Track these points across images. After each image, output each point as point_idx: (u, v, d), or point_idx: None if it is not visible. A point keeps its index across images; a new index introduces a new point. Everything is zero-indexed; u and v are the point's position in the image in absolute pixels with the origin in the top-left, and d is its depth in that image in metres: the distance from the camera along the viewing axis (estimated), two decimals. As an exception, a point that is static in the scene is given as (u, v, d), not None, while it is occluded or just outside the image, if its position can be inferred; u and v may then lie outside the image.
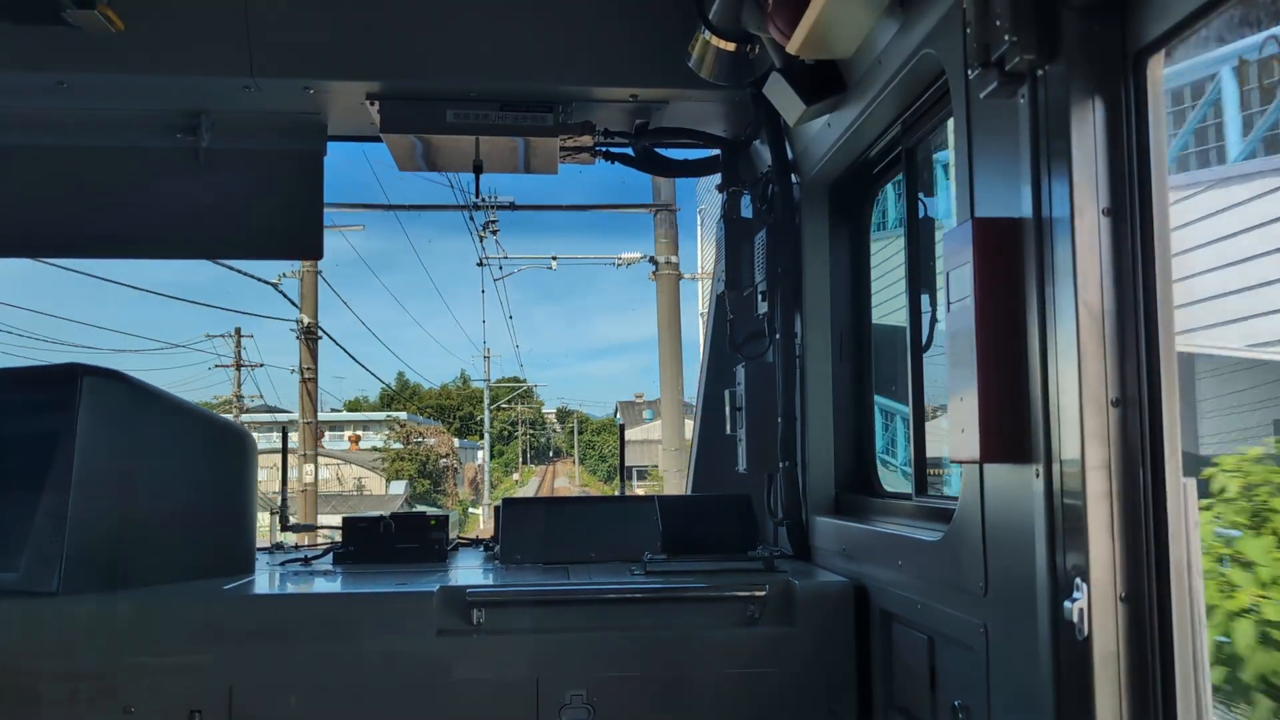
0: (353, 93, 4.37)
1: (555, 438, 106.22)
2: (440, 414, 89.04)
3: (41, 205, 4.67)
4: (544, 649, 3.57)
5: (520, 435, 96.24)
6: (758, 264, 4.60)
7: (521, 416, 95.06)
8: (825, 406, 4.32)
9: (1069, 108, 2.29)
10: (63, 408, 3.67)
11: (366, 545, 4.41)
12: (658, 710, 3.57)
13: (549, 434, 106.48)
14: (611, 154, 4.93)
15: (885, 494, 4.15)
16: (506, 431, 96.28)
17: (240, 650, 3.48)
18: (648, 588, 3.73)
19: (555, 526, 4.46)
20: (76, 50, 4.08)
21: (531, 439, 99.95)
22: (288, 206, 4.72)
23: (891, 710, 3.46)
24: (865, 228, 4.42)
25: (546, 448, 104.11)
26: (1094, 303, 2.25)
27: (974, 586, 2.71)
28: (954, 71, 2.81)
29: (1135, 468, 2.23)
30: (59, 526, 3.55)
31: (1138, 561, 2.21)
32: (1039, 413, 2.37)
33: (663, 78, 4.33)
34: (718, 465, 5.22)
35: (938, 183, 4.02)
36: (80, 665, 3.43)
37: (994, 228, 2.51)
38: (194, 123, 4.59)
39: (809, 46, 3.38)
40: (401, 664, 3.50)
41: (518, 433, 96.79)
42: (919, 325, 3.77)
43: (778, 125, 4.32)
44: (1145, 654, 2.19)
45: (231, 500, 4.11)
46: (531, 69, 4.31)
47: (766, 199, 4.53)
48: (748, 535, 4.28)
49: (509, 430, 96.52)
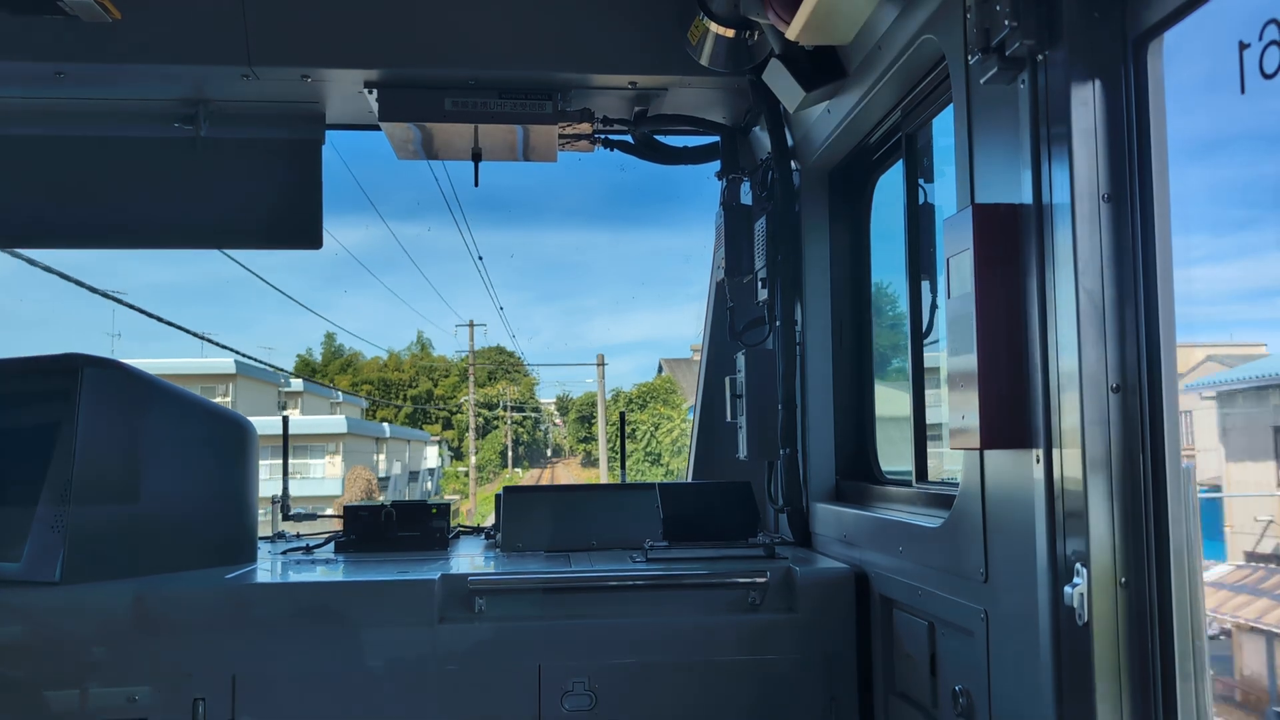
0: (351, 81, 4.35)
1: (555, 433, 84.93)
2: (385, 391, 70.37)
3: (39, 195, 4.66)
4: (546, 636, 3.58)
5: (504, 425, 70.65)
6: (757, 251, 4.59)
7: (504, 398, 71.37)
8: (825, 393, 4.33)
9: (1069, 93, 2.28)
10: (63, 398, 3.68)
11: (368, 534, 4.42)
12: (659, 696, 3.58)
13: (546, 427, 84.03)
14: (610, 141, 4.92)
15: (885, 480, 4.16)
16: (484, 420, 71.63)
17: (243, 638, 3.49)
18: (649, 575, 3.74)
19: (556, 514, 4.47)
20: (73, 39, 4.07)
21: (522, 431, 75.62)
22: (286, 195, 4.71)
23: (892, 696, 3.48)
24: (865, 214, 4.41)
25: (544, 445, 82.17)
26: (1094, 289, 2.25)
27: (974, 572, 2.72)
28: (954, 57, 2.80)
29: (1135, 454, 2.23)
30: (61, 516, 3.56)
31: (1138, 547, 2.21)
32: (1039, 399, 2.37)
33: (662, 65, 4.31)
34: (718, 453, 5.22)
35: (937, 169, 4.01)
36: (83, 654, 3.44)
37: (994, 214, 2.51)
38: (192, 112, 4.58)
39: (808, 32, 3.37)
40: (403, 652, 3.52)
41: (499, 421, 71.58)
42: (919, 312, 3.77)
43: (777, 112, 4.31)
44: (1145, 639, 2.20)
45: (233, 489, 4.11)
46: (530, 56, 4.30)
47: (766, 186, 4.52)
48: (748, 522, 4.28)
49: (487, 419, 72.16)
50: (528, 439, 78.14)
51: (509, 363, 77.29)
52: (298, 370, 70.38)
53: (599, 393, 44.93)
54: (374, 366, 74.54)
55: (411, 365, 74.53)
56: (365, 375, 72.97)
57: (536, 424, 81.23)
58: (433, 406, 74.06)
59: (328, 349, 75.87)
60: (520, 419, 75.93)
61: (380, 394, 71.53)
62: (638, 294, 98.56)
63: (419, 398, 73.46)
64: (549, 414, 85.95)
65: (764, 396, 4.46)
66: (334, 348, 77.50)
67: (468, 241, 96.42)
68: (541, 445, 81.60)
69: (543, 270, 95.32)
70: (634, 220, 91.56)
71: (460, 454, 71.72)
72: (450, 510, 4.61)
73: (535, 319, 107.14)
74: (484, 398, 69.52)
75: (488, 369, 72.47)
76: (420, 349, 77.65)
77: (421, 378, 74.84)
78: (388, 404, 71.15)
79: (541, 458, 79.51)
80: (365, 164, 70.92)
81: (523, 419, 76.81)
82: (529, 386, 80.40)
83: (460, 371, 71.47)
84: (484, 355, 69.48)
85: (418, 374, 74.60)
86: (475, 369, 60.46)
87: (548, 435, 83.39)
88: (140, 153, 4.66)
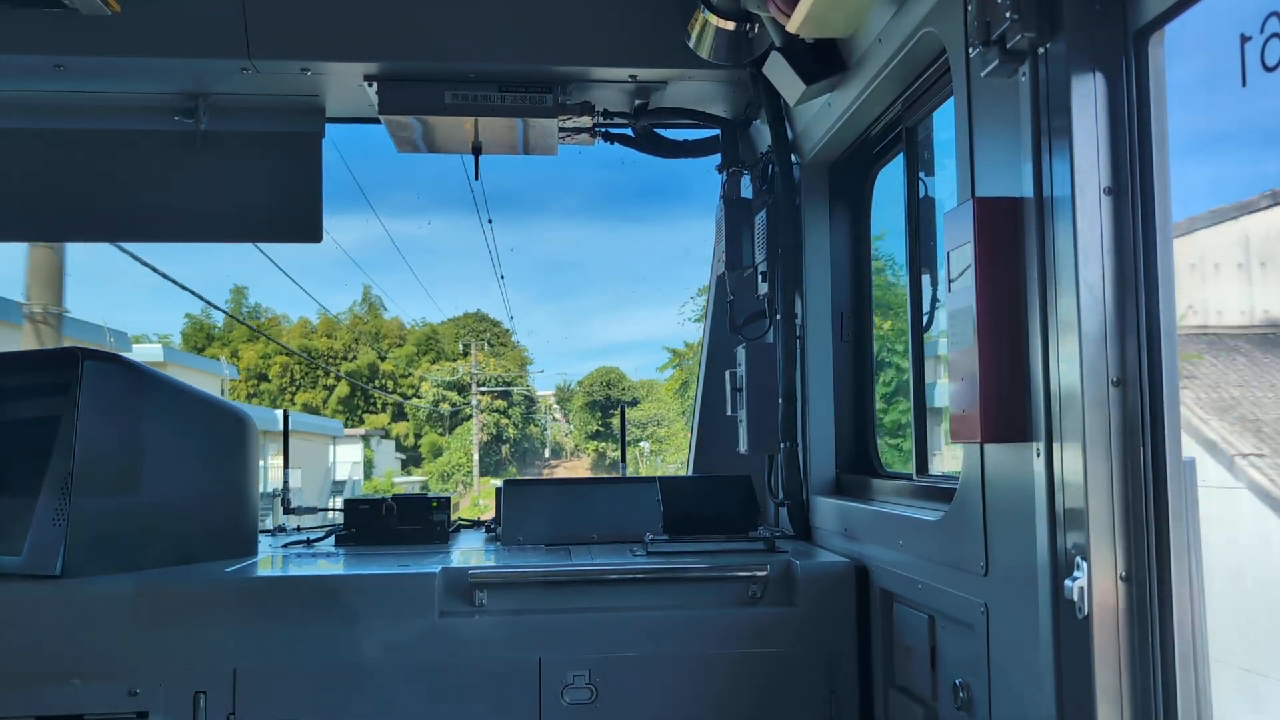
0: (351, 74, 4.35)
1: (555, 430, 65.33)
2: (309, 367, 50.85)
3: (38, 189, 4.66)
4: (546, 630, 3.59)
5: (476, 413, 50.41)
6: (758, 244, 4.59)
7: (482, 374, 51.56)
8: (826, 387, 4.33)
9: (1070, 86, 2.28)
10: (64, 392, 3.68)
11: (368, 527, 4.43)
12: (660, 690, 3.59)
13: (544, 423, 64.04)
14: (611, 135, 4.92)
15: (886, 474, 4.16)
16: (451, 406, 51.66)
17: (244, 632, 3.50)
18: (649, 568, 3.74)
19: (557, 508, 4.48)
20: (73, 32, 4.06)
21: (507, 423, 55.61)
22: (286, 189, 4.71)
23: (892, 689, 3.48)
24: (866, 207, 4.41)
25: (540, 444, 62.28)
26: (1095, 282, 2.25)
27: (974, 566, 2.72)
28: (954, 50, 2.80)
29: (1136, 447, 2.23)
30: (62, 510, 3.56)
31: (1138, 541, 2.22)
32: (1040, 392, 2.37)
33: (662, 58, 4.31)
34: (718, 446, 5.23)
35: (938, 162, 4.01)
36: (84, 648, 3.45)
37: (994, 207, 2.50)
38: (191, 105, 4.57)
39: (809, 25, 3.37)
40: (404, 645, 3.52)
41: (469, 407, 50.92)
42: (919, 306, 3.77)
43: (778, 105, 4.31)
44: (1146, 633, 2.20)
45: (233, 483, 4.12)
46: (530, 49, 4.29)
47: (766, 179, 4.52)
48: (749, 516, 4.29)
49: (456, 405, 51.66)
50: (515, 434, 57.13)
51: (492, 332, 56.63)
52: (191, 336, 50.78)
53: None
54: (301, 332, 53.47)
55: (352, 331, 53.00)
56: (290, 345, 51.83)
57: (529, 415, 60.01)
58: (376, 387, 52.72)
59: (235, 308, 54.49)
60: (505, 407, 55.28)
61: (304, 370, 51.05)
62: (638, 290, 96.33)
63: (358, 374, 51.37)
64: (547, 406, 66.36)
65: (764, 390, 4.46)
66: (249, 309, 55.54)
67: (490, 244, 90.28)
68: (538, 444, 61.78)
69: (543, 270, 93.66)
70: (635, 218, 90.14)
71: (418, 457, 52.73)
72: (451, 504, 4.61)
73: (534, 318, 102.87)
74: (451, 374, 52.09)
75: (462, 340, 53.84)
76: (368, 310, 54.98)
77: (362, 347, 52.36)
78: (314, 385, 51.84)
79: (538, 459, 60.76)
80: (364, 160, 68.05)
81: (507, 407, 55.95)
82: (518, 362, 58.67)
83: (421, 341, 52.41)
84: (457, 324, 54.32)
85: (356, 341, 52.41)
86: (445, 341, 44.14)
87: (545, 431, 63.72)
88: (140, 146, 4.65)
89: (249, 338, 51.76)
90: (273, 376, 52.31)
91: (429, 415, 52.44)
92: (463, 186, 43.63)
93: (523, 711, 3.54)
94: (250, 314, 54.95)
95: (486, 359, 53.72)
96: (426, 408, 51.96)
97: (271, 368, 52.00)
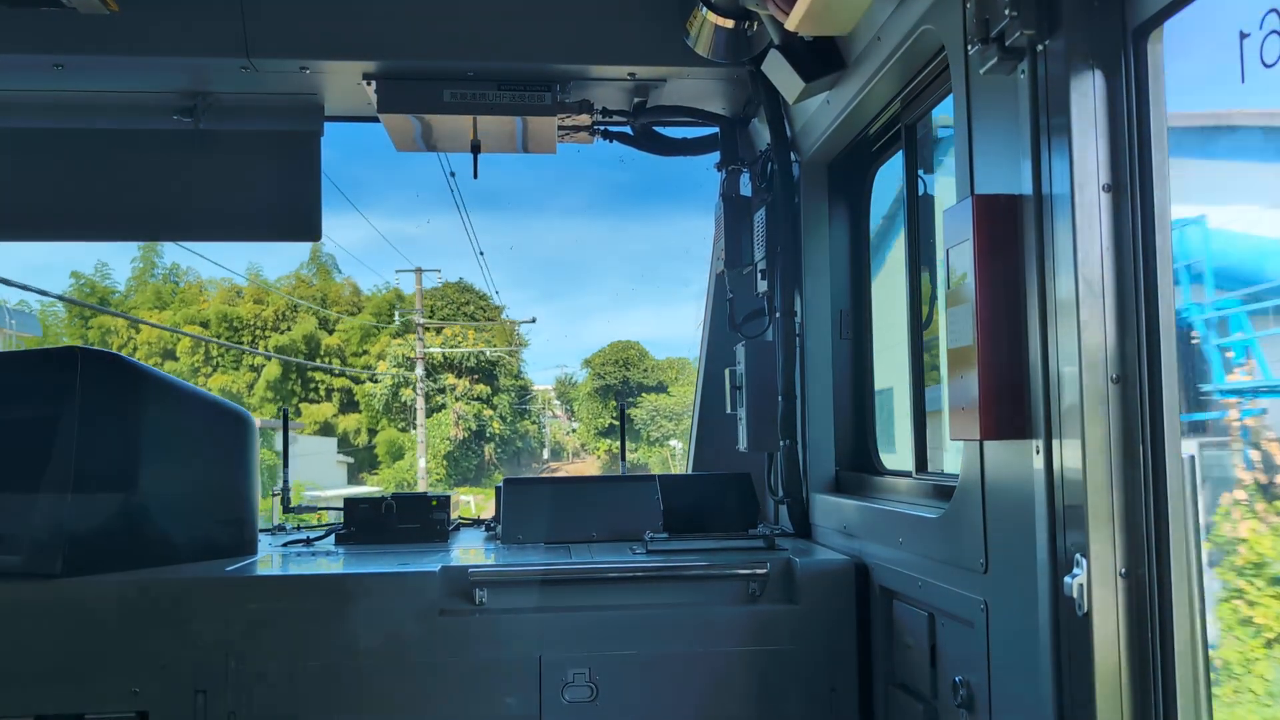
0: (349, 73, 4.35)
1: (554, 427, 56.60)
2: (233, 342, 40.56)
3: (38, 188, 4.66)
4: (546, 628, 3.59)
5: (451, 402, 42.40)
6: (757, 242, 4.59)
7: (461, 346, 42.24)
8: (825, 384, 4.33)
9: (1069, 83, 2.28)
10: (62, 390, 3.68)
11: (368, 526, 4.44)
12: (659, 688, 3.59)
13: (543, 420, 54.75)
14: (610, 133, 4.91)
15: (885, 472, 4.16)
16: (407, 391, 41.21)
17: (244, 630, 3.50)
18: (649, 566, 3.74)
19: (556, 506, 4.48)
20: (72, 32, 4.06)
21: (489, 414, 44.50)
22: (285, 188, 4.71)
23: (892, 686, 3.48)
24: (865, 205, 4.41)
25: (537, 443, 52.51)
26: (1094, 279, 2.25)
27: (974, 563, 2.72)
28: (954, 47, 2.80)
29: (1135, 444, 2.23)
30: (61, 509, 3.56)
31: (1138, 538, 2.22)
32: (1039, 390, 2.37)
33: (661, 55, 4.31)
34: (718, 444, 5.23)
35: (937, 159, 4.00)
36: (84, 647, 3.45)
37: (994, 204, 2.50)
38: (190, 104, 4.58)
39: (808, 23, 3.37)
40: (404, 644, 3.52)
41: (446, 395, 42.40)
42: (919, 303, 3.77)
43: (777, 103, 4.31)
44: (1145, 630, 2.20)
45: (233, 481, 4.12)
46: (529, 48, 4.29)
47: (766, 177, 4.51)
48: (748, 514, 4.29)
49: (409, 388, 40.91)
50: (502, 430, 46.30)
51: (475, 304, 45.69)
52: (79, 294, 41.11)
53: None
54: (224, 298, 43.09)
55: (292, 295, 41.54)
56: (210, 311, 42.20)
57: (521, 407, 49.49)
58: (319, 367, 42.23)
59: (145, 267, 44.07)
60: (488, 394, 44.82)
61: (224, 346, 40.49)
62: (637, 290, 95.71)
63: (290, 349, 40.22)
64: (546, 400, 57.12)
65: (764, 388, 4.46)
66: (165, 270, 44.65)
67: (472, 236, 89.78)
68: (534, 443, 52.33)
69: (542, 269, 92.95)
70: (634, 216, 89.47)
71: (373, 459, 42.69)
72: (450, 502, 4.62)
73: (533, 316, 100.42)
74: (414, 351, 40.93)
75: (442, 312, 43.82)
76: (318, 270, 43.09)
77: (302, 314, 41.13)
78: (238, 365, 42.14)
79: (534, 460, 51.22)
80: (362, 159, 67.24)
81: (491, 394, 45.25)
82: (506, 337, 47.18)
83: (383, 309, 41.06)
84: (434, 295, 44.11)
85: (294, 309, 40.97)
86: (419, 311, 38.14)
87: (544, 430, 54.86)
88: (139, 145, 4.65)
89: (156, 303, 43.13)
90: (181, 354, 42.89)
91: (387, 405, 43.08)
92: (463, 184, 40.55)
93: (523, 709, 3.54)
94: (166, 276, 45.42)
95: (465, 330, 44.90)
96: (385, 395, 42.86)
97: (181, 342, 42.35)
